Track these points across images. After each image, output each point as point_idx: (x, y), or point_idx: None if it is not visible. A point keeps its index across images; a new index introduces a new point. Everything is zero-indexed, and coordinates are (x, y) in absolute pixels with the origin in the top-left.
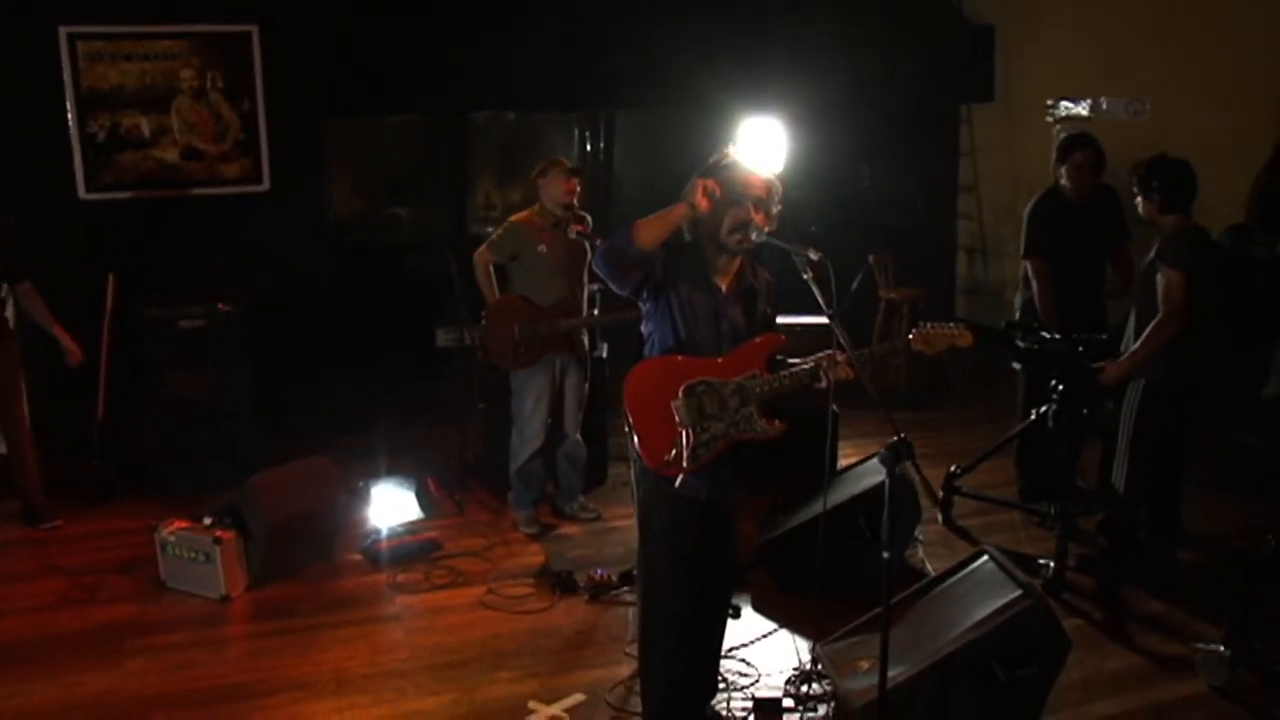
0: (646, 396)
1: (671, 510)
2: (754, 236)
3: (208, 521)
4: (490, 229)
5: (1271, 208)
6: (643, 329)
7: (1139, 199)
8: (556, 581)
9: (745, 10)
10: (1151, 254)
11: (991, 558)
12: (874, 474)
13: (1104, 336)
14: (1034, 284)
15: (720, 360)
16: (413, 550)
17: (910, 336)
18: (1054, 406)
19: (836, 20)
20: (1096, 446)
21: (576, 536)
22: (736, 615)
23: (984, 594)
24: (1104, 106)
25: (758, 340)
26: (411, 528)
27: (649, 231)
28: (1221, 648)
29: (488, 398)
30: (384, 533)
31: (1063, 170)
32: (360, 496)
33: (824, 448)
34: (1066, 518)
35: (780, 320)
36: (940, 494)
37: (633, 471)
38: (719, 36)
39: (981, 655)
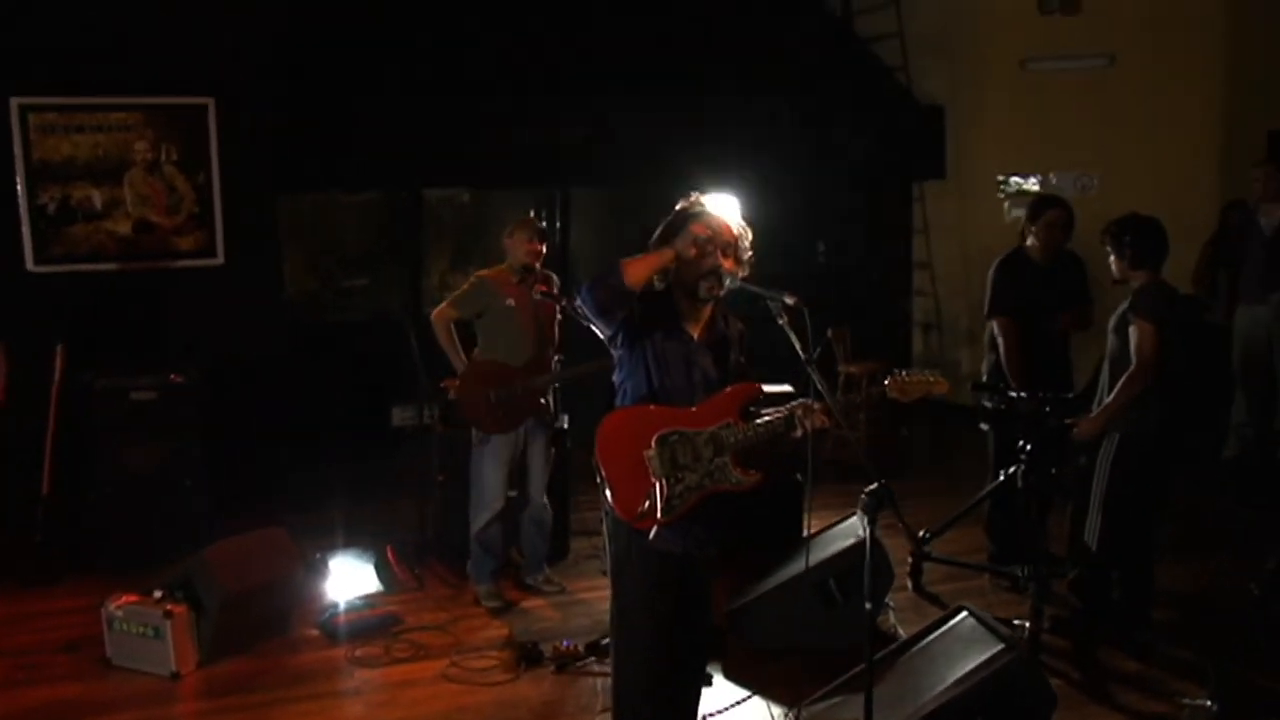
0: (618, 447)
1: (645, 566)
2: (727, 283)
3: (158, 595)
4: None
5: (1217, 275)
6: (614, 379)
7: (1112, 258)
8: (521, 653)
9: (700, 84)
10: (1123, 307)
11: (971, 614)
12: (844, 538)
13: (1071, 395)
14: (1000, 343)
15: (693, 410)
16: (372, 624)
17: (886, 384)
18: (1022, 467)
19: (791, 97)
20: (1066, 509)
21: (541, 610)
22: (709, 683)
23: (965, 650)
24: (1053, 182)
25: (731, 389)
26: (370, 601)
27: (636, 270)
28: (1208, 702)
29: (447, 470)
30: (342, 606)
31: (1033, 229)
32: (317, 569)
33: (791, 516)
34: (1040, 579)
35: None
36: (910, 560)
37: (604, 527)
38: (674, 110)
39: (966, 711)
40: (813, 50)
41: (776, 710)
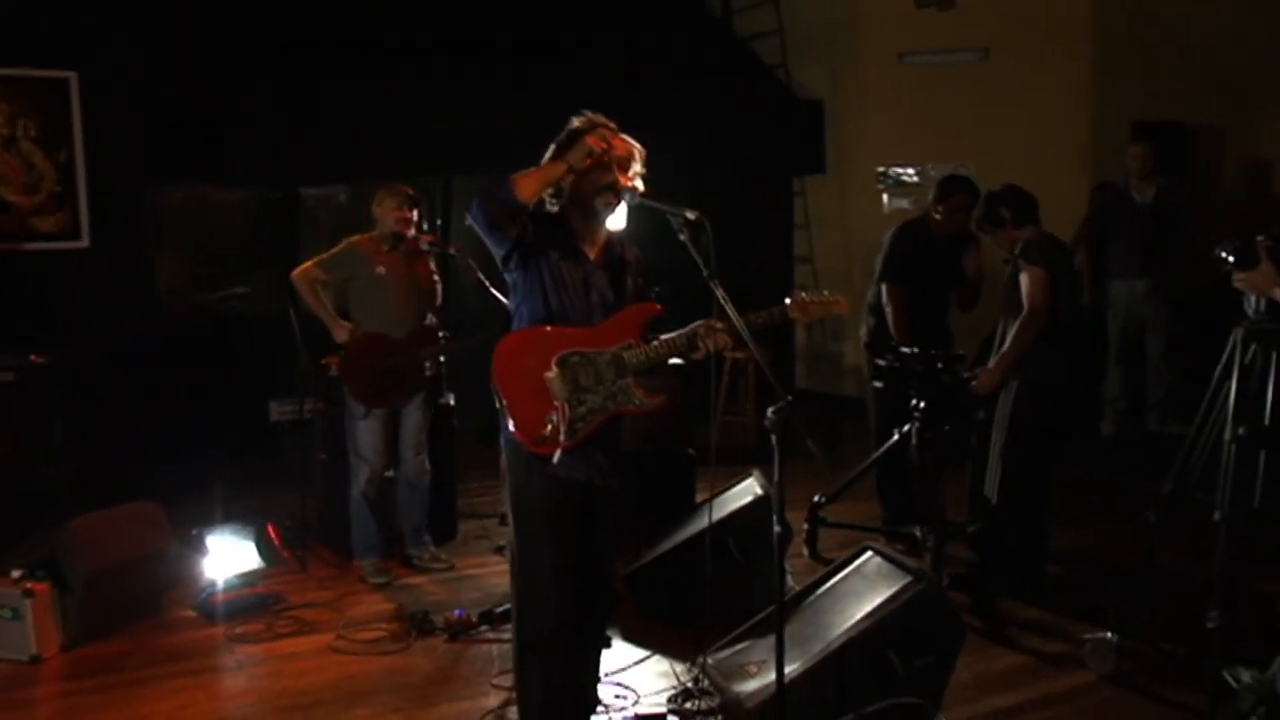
0: (517, 370)
1: (548, 494)
2: (625, 198)
3: (16, 574)
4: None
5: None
6: (508, 303)
7: (996, 234)
8: (413, 623)
9: (581, 77)
10: (1012, 262)
11: (876, 552)
12: (740, 497)
13: (961, 352)
14: (889, 308)
15: (594, 330)
16: (252, 602)
17: (787, 303)
18: (916, 424)
19: (672, 94)
20: (962, 467)
21: (429, 585)
22: (608, 645)
23: (873, 586)
24: (931, 173)
25: (632, 309)
26: (250, 579)
27: (527, 183)
28: (1109, 634)
29: (329, 450)
30: (220, 585)
31: (939, 209)
32: (193, 546)
33: (683, 488)
34: (938, 537)
35: None
36: (806, 527)
37: (503, 459)
38: (555, 101)
39: (878, 645)
40: (693, 48)
41: (679, 667)
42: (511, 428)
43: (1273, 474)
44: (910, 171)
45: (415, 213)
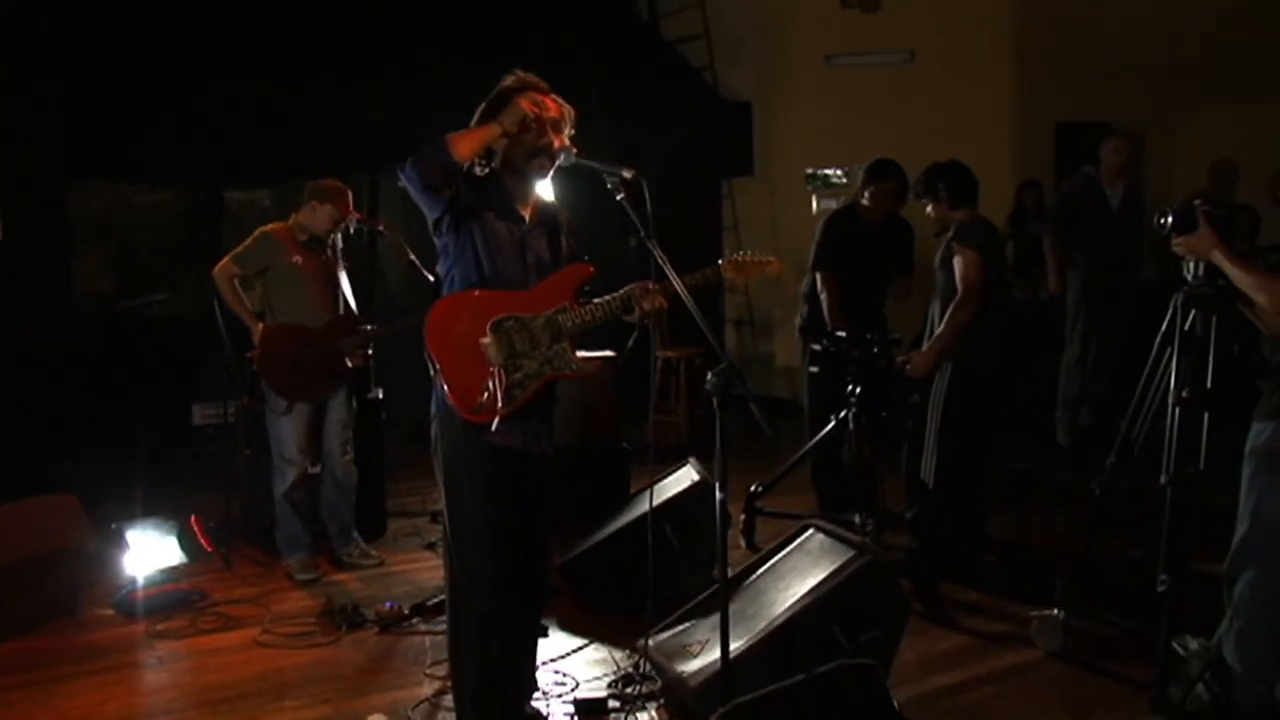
0: (451, 335)
1: (483, 463)
2: (560, 159)
3: None
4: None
5: (1021, 255)
6: (439, 269)
7: (930, 208)
8: (342, 616)
9: (509, 71)
10: (945, 244)
11: (819, 529)
12: (676, 485)
13: (896, 336)
14: (824, 295)
15: (527, 293)
16: (174, 599)
17: (720, 263)
18: (852, 410)
19: (600, 97)
20: (898, 454)
21: (359, 581)
22: (544, 634)
23: (816, 562)
24: (859, 174)
25: (565, 271)
26: (172, 575)
27: (463, 144)
28: (1055, 610)
29: (253, 445)
30: (140, 581)
31: (867, 193)
32: (112, 542)
33: (617, 481)
34: (877, 519)
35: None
36: (743, 518)
37: (434, 428)
38: (480, 98)
39: (822, 619)
40: (620, 51)
41: (618, 654)
42: (446, 395)
43: (1215, 437)
44: (838, 172)
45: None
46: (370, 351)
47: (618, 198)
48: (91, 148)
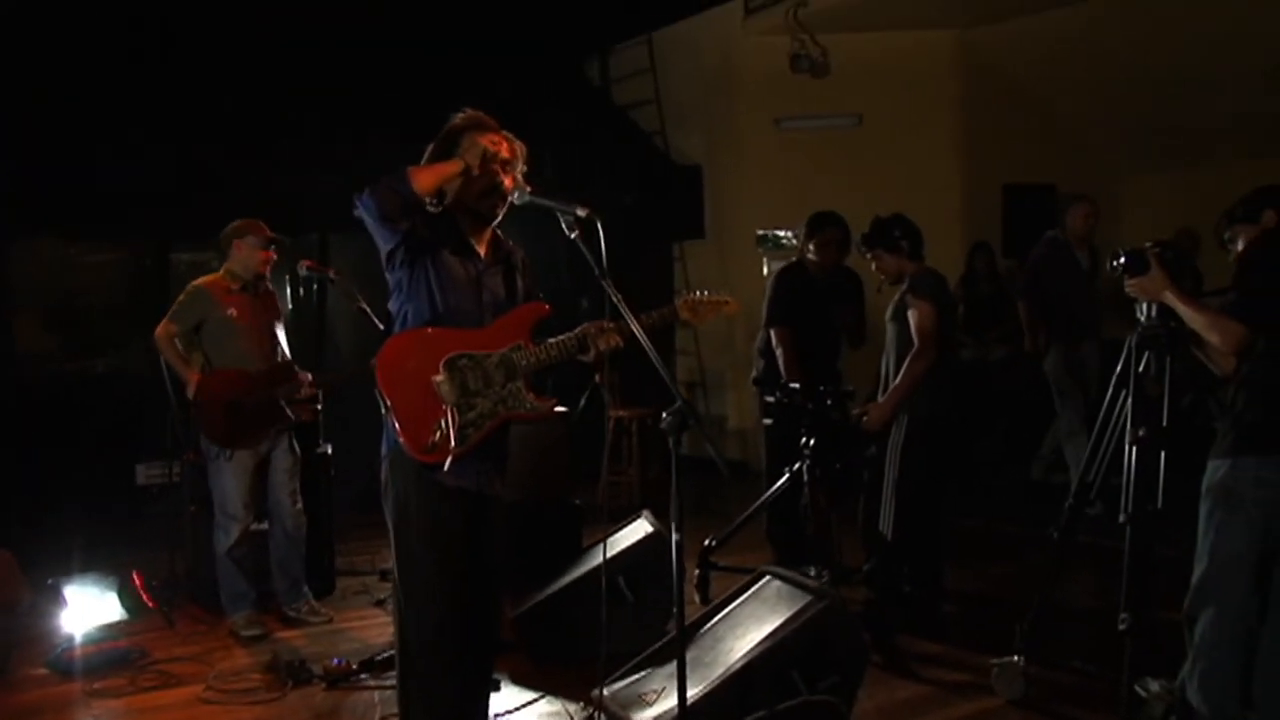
0: (403, 373)
1: (434, 503)
2: (515, 197)
3: None
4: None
5: (971, 316)
6: (390, 306)
7: (881, 261)
8: (288, 672)
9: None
10: (898, 296)
11: (775, 575)
12: (629, 537)
13: (850, 388)
14: (779, 350)
15: (482, 331)
16: (114, 657)
17: (677, 304)
18: (807, 462)
19: (552, 158)
20: (853, 506)
21: (306, 638)
22: (496, 688)
23: (773, 608)
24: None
25: (520, 309)
26: (112, 632)
27: (425, 178)
28: (1016, 658)
29: (198, 500)
30: (78, 639)
31: (811, 246)
32: (49, 598)
33: (569, 537)
34: (834, 572)
35: None
36: (697, 572)
37: (384, 470)
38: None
39: (781, 664)
40: (571, 116)
41: (571, 706)
42: (397, 434)
43: (1172, 476)
44: (789, 234)
45: (274, 254)
46: (319, 406)
47: (571, 235)
48: (34, 207)
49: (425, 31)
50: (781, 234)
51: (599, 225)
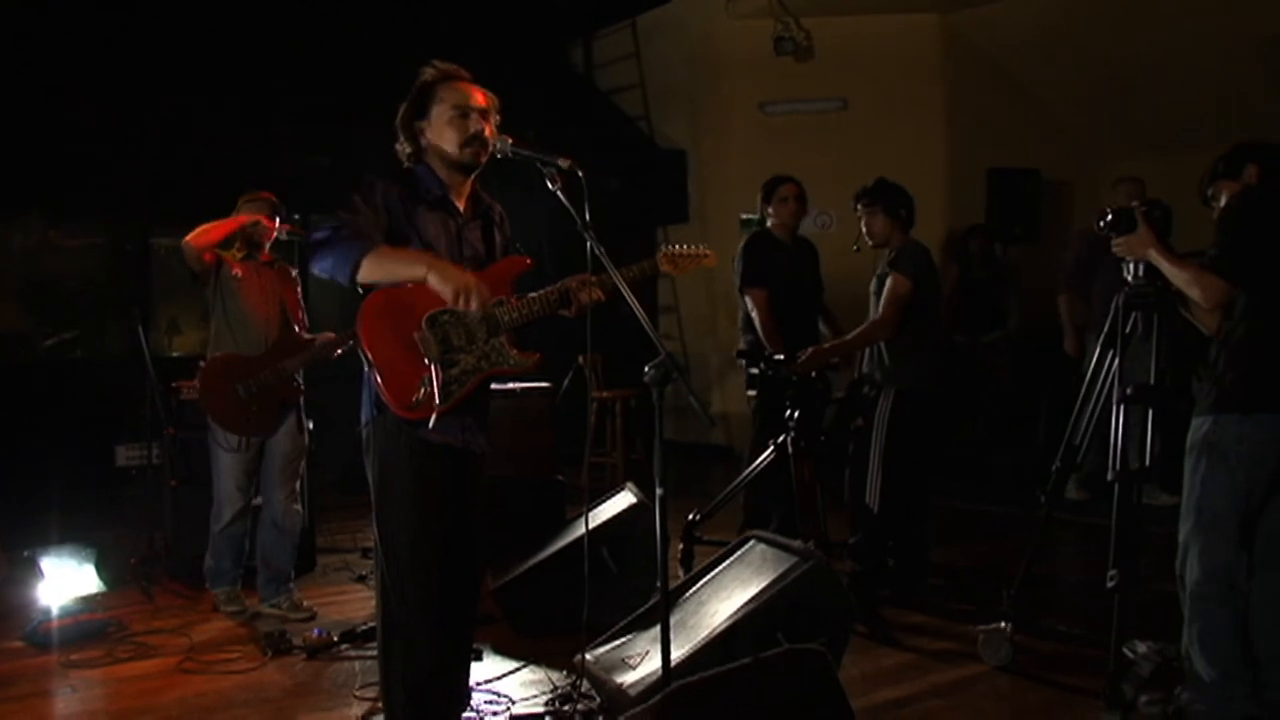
0: (385, 331)
1: (418, 460)
2: (496, 147)
3: None
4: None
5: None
6: None
7: (874, 221)
8: (269, 642)
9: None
10: (881, 268)
11: (760, 539)
12: (613, 508)
13: (836, 360)
14: (756, 314)
15: None
16: (91, 629)
17: (658, 257)
18: (791, 434)
19: (537, 142)
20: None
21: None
22: (478, 658)
23: (758, 570)
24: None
25: (501, 263)
26: (89, 604)
27: (375, 274)
28: (1002, 624)
29: (180, 475)
30: (55, 611)
31: (770, 209)
32: (25, 570)
33: (552, 512)
34: (820, 545)
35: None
36: (680, 546)
37: (365, 432)
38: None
39: (765, 625)
40: (555, 102)
41: (554, 674)
42: (380, 391)
43: (1159, 434)
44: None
45: (278, 221)
46: (301, 386)
47: (553, 188)
48: (14, 188)
49: (409, 15)
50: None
51: (581, 176)
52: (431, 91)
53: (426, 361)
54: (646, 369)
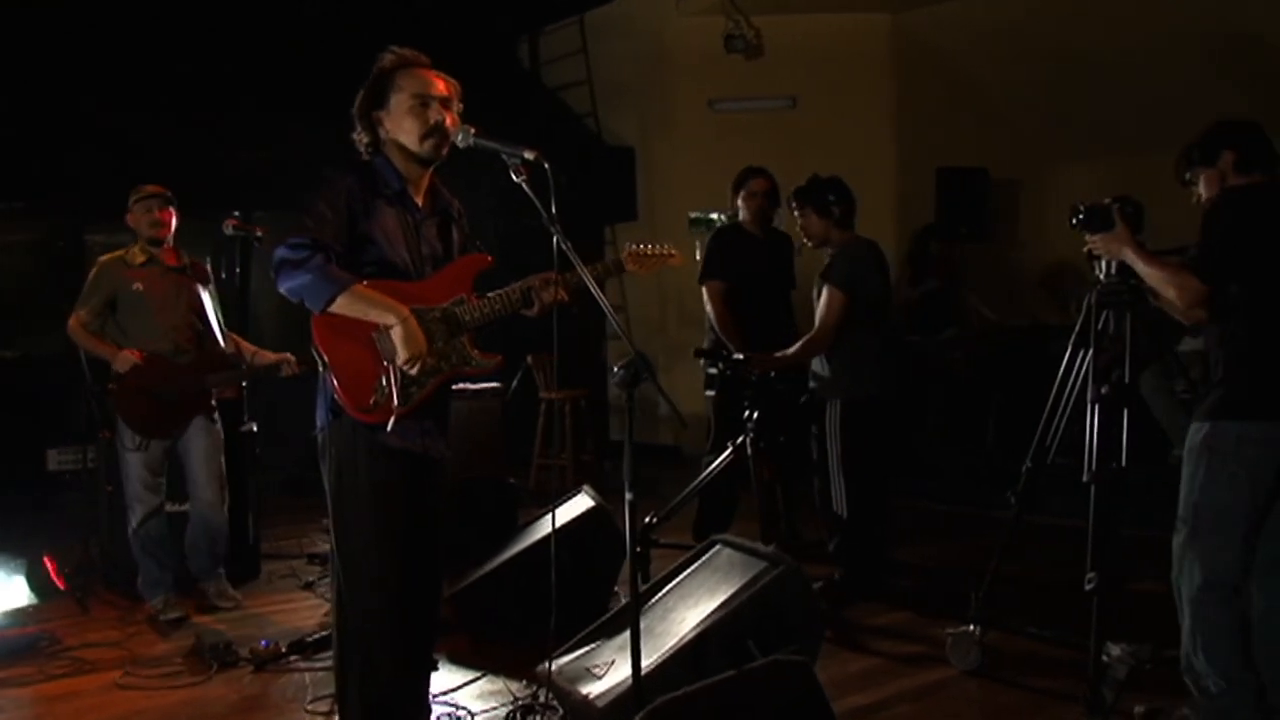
0: (342, 331)
1: (377, 467)
2: (458, 138)
3: None
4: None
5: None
6: None
7: (809, 221)
8: (213, 654)
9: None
10: (820, 276)
11: (725, 543)
12: (571, 511)
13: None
14: (709, 307)
15: (422, 284)
16: (19, 645)
17: (623, 256)
18: (750, 434)
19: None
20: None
21: (230, 621)
22: (435, 667)
23: (726, 576)
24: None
25: (461, 261)
26: (19, 618)
27: (351, 309)
28: (971, 627)
29: (116, 479)
30: None
31: (740, 201)
32: None
33: (505, 515)
34: (783, 547)
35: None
36: (637, 550)
37: (320, 438)
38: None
39: (735, 633)
40: (501, 98)
41: (513, 684)
42: (336, 393)
43: (1134, 433)
44: (722, 217)
45: (172, 212)
46: (244, 383)
47: (518, 180)
48: None
49: (349, 4)
50: (715, 216)
51: (547, 169)
52: (390, 79)
53: (385, 362)
54: (615, 369)
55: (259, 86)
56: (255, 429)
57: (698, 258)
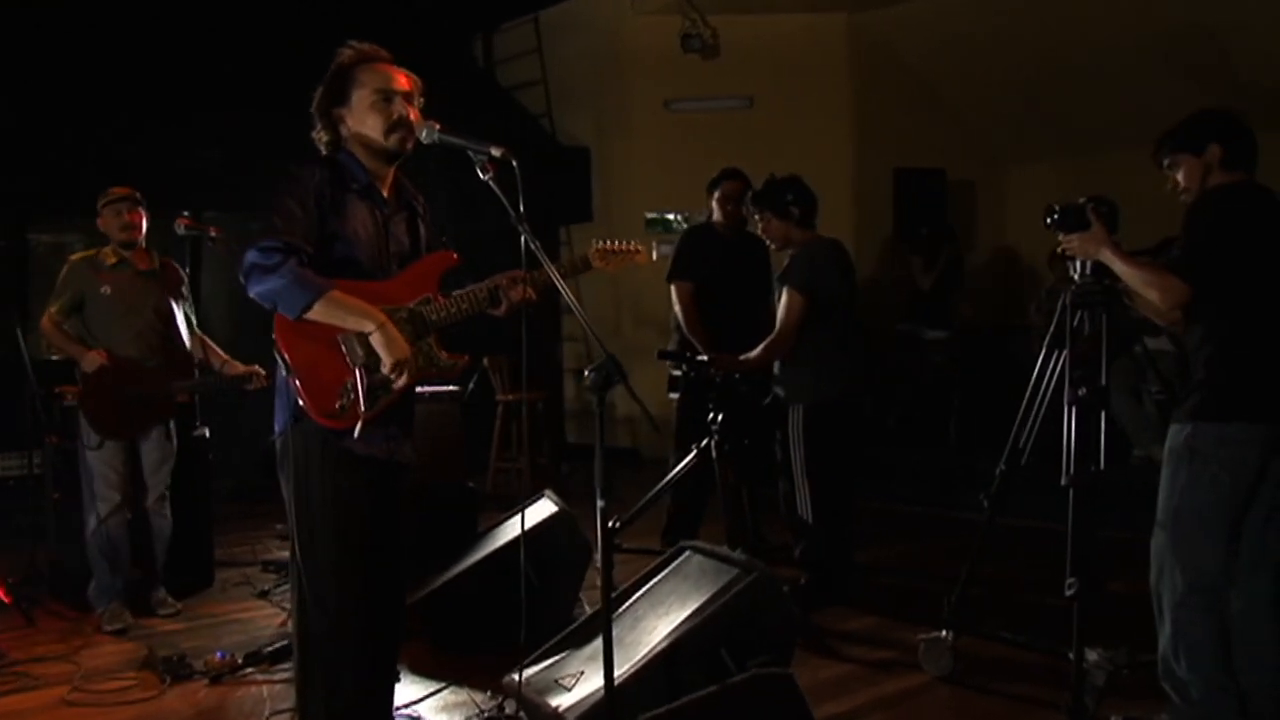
0: (305, 333)
1: (341, 473)
2: (423, 134)
3: None
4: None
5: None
6: None
7: (772, 222)
8: (166, 667)
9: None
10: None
11: (695, 550)
12: (532, 516)
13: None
14: (677, 307)
15: (386, 284)
16: None
17: (590, 253)
18: (714, 437)
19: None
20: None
21: (183, 632)
22: (397, 679)
23: (697, 584)
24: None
25: (427, 259)
26: None
27: (327, 316)
28: (943, 633)
29: (61, 488)
30: None
31: (714, 202)
32: None
33: (465, 520)
34: (749, 550)
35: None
36: (610, 558)
37: (280, 444)
38: (309, 139)
39: (708, 642)
40: (454, 98)
41: (478, 695)
42: (299, 398)
43: (1110, 435)
44: (678, 217)
45: (142, 213)
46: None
47: (484, 177)
48: None
49: (301, 5)
50: (671, 217)
51: (515, 166)
52: (350, 75)
53: (351, 365)
54: (587, 372)
55: (208, 85)
56: (208, 434)
57: (654, 258)
